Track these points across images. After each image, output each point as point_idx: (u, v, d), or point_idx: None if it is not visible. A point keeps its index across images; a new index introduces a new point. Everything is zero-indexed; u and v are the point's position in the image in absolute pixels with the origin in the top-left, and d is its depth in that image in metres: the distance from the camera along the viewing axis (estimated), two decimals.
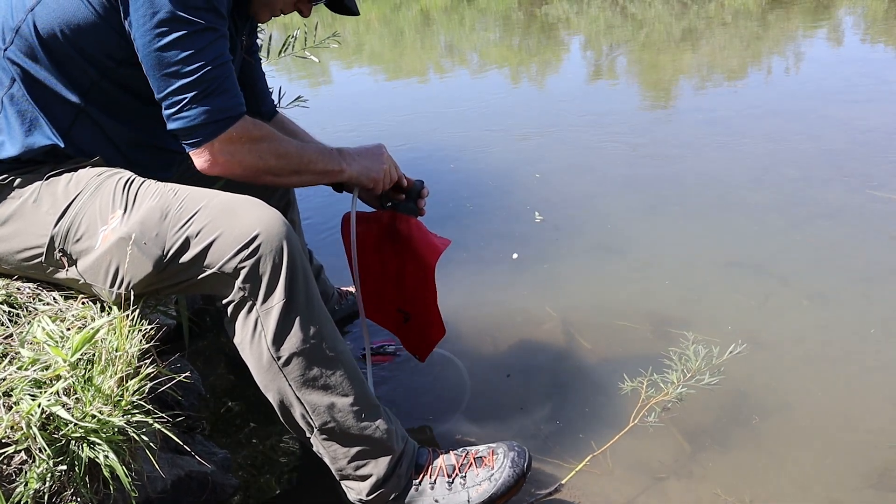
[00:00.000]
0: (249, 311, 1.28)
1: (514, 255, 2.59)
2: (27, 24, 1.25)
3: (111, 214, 1.27)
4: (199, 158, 1.30)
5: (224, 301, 1.30)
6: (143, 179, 1.32)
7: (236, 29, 1.49)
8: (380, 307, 1.84)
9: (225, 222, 1.24)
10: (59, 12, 1.24)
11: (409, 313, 1.79)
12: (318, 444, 1.40)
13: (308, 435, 1.39)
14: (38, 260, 1.32)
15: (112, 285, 1.28)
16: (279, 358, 1.29)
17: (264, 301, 1.26)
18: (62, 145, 1.31)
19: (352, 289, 2.28)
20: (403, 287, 1.74)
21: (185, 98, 1.23)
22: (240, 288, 1.26)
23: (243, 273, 1.24)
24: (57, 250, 1.29)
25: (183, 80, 1.22)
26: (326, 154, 1.47)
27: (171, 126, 1.26)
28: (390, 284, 1.76)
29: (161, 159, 1.45)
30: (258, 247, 1.23)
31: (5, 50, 1.27)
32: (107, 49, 1.27)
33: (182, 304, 1.73)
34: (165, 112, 1.26)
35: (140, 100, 1.30)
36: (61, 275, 1.33)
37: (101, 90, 1.32)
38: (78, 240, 1.28)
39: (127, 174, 1.33)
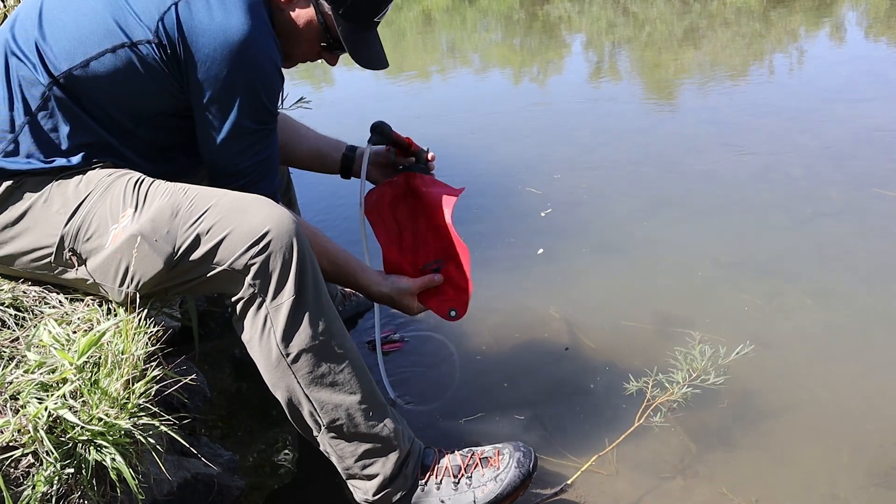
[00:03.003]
0: (259, 308, 1.28)
1: (540, 251, 2.59)
2: (79, 72, 1.27)
3: (122, 213, 1.28)
4: None
5: (233, 298, 1.30)
6: (152, 179, 1.33)
7: None
8: (404, 273, 1.77)
9: (235, 219, 1.24)
10: (113, 70, 1.27)
11: (440, 262, 1.73)
12: (326, 443, 1.40)
13: (316, 433, 1.39)
14: (48, 260, 1.32)
15: (122, 284, 1.28)
16: (288, 355, 1.30)
17: (274, 298, 1.27)
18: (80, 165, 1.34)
19: None
20: (427, 242, 1.73)
21: (230, 183, 1.36)
22: (250, 284, 1.26)
23: (253, 270, 1.25)
24: (67, 250, 1.30)
25: (233, 170, 1.36)
26: (361, 269, 1.61)
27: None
28: (411, 244, 1.74)
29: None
30: (269, 243, 1.24)
31: (50, 85, 1.28)
32: (149, 104, 1.33)
33: (191, 304, 1.73)
34: (211, 176, 1.40)
35: (166, 149, 1.39)
36: (70, 275, 1.33)
37: (134, 136, 1.37)
38: (88, 239, 1.29)
39: (137, 174, 1.34)
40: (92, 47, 1.26)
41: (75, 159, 1.32)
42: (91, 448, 1.06)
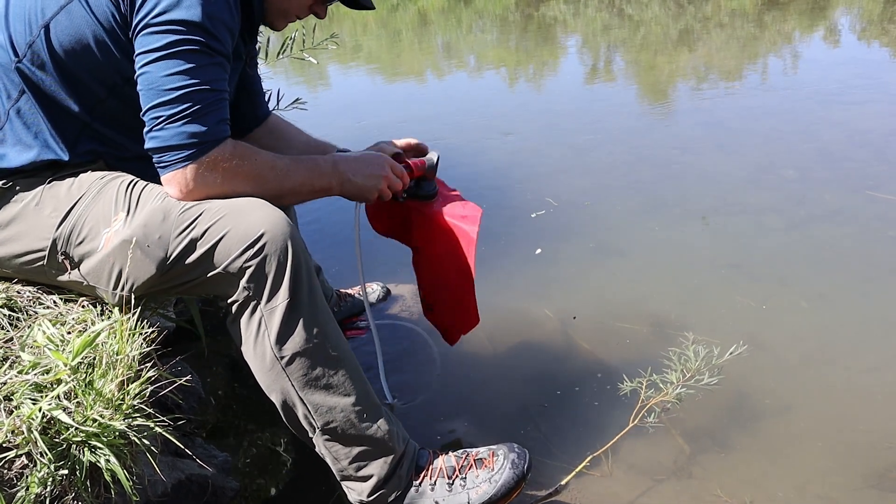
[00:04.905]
0: (253, 311, 1.28)
1: (538, 251, 2.59)
2: (40, 39, 1.25)
3: (114, 217, 1.27)
4: (172, 187, 1.24)
5: (228, 301, 1.30)
6: (145, 183, 1.32)
7: (244, 44, 1.49)
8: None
9: (230, 222, 1.24)
10: (70, 30, 1.25)
11: (431, 304, 1.73)
12: (321, 445, 1.40)
13: (311, 435, 1.39)
14: (40, 263, 1.32)
15: (115, 287, 1.28)
16: (282, 358, 1.30)
17: (268, 300, 1.27)
18: (66, 158, 1.32)
19: (350, 290, 2.29)
20: (425, 276, 1.69)
21: (164, 116, 1.19)
22: (244, 287, 1.26)
23: (248, 272, 1.24)
24: (59, 253, 1.30)
25: (166, 97, 1.19)
26: (316, 172, 1.40)
27: (147, 144, 1.22)
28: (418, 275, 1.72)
29: None
30: (263, 246, 1.23)
31: (18, 62, 1.27)
32: (115, 66, 1.28)
33: (191, 303, 1.73)
34: (145, 129, 1.22)
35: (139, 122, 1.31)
36: (63, 277, 1.33)
37: (108, 107, 1.33)
38: (80, 242, 1.29)
39: (129, 177, 1.34)
40: (48, 10, 1.25)
41: (62, 151, 1.31)
42: (85, 449, 1.06)
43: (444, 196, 1.63)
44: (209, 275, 1.26)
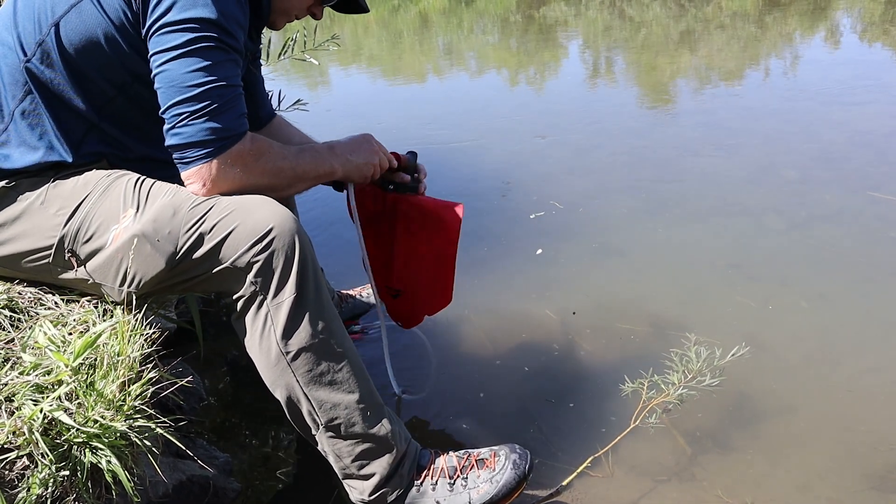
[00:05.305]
0: (260, 306, 1.29)
1: (539, 251, 2.59)
2: (50, 38, 1.26)
3: (123, 213, 1.28)
4: (195, 183, 1.26)
5: (234, 297, 1.30)
6: (153, 180, 1.33)
7: (251, 42, 1.50)
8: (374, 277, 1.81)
9: (238, 217, 1.25)
10: (81, 27, 1.25)
11: (399, 290, 1.76)
12: (324, 442, 1.41)
13: (314, 432, 1.40)
14: (46, 261, 1.32)
15: (122, 284, 1.29)
16: (288, 353, 1.30)
17: (275, 295, 1.27)
18: (70, 160, 1.33)
19: (352, 291, 2.29)
20: (399, 265, 1.71)
21: (186, 112, 1.20)
22: (251, 282, 1.26)
23: (256, 267, 1.25)
24: (66, 251, 1.30)
25: (187, 94, 1.20)
26: (319, 158, 1.45)
27: (168, 141, 1.24)
28: (380, 262, 1.74)
29: (168, 172, 1.46)
30: (272, 240, 1.24)
31: (27, 62, 1.28)
32: (125, 64, 1.29)
33: (192, 302, 1.73)
34: (165, 127, 1.24)
35: (152, 116, 1.30)
36: (69, 275, 1.33)
37: (116, 106, 1.34)
38: (88, 240, 1.29)
39: (135, 175, 1.34)
40: (58, 9, 1.26)
41: (66, 153, 1.32)
42: (86, 450, 1.06)
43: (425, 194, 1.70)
44: (216, 270, 1.27)
